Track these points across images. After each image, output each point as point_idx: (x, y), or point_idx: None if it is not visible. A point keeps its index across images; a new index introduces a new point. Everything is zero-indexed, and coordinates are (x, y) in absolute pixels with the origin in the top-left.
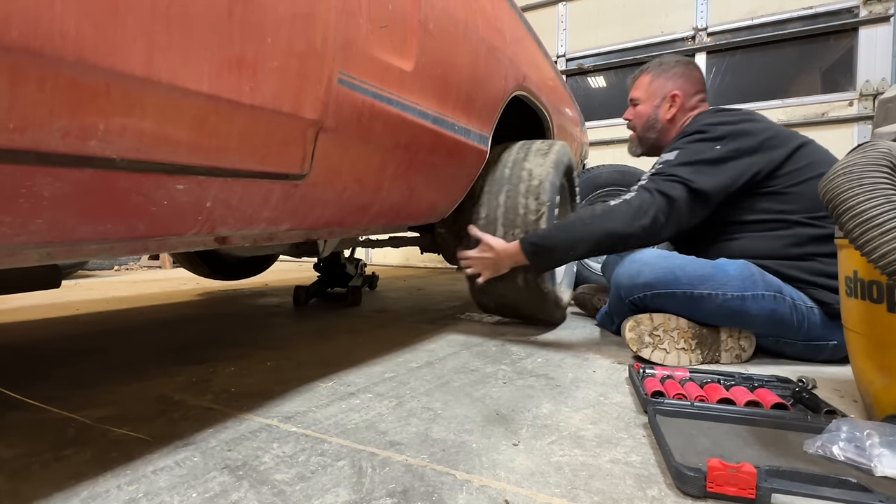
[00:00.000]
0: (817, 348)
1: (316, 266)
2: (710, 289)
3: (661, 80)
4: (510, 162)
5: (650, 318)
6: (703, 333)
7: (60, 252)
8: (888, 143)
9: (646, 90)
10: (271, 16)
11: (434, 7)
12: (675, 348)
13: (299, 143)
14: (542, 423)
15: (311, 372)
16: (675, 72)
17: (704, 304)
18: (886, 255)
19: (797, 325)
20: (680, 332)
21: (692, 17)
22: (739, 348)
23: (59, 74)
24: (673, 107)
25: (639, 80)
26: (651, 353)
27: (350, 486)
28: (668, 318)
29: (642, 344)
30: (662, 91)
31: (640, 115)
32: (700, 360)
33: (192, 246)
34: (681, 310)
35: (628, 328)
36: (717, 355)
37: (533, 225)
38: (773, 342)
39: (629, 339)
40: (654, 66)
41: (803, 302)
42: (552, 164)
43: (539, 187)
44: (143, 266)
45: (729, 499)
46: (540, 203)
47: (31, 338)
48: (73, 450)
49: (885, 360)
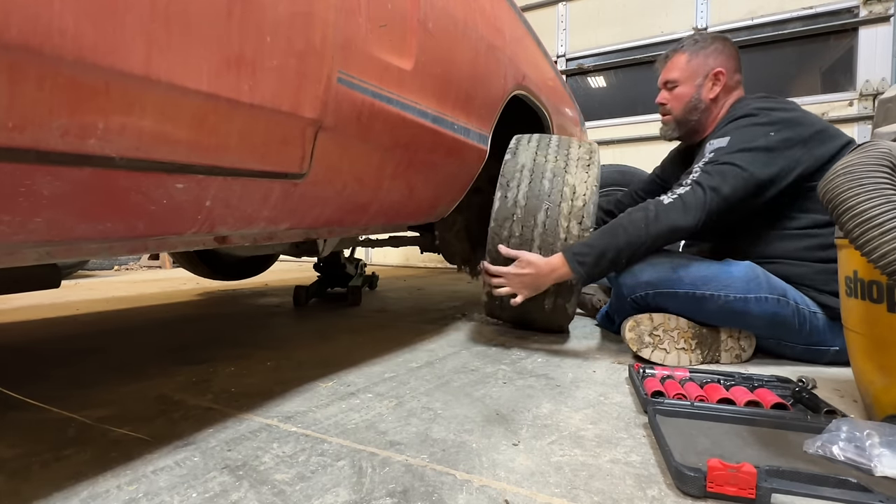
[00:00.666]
0: (818, 352)
1: (316, 266)
2: (712, 289)
3: (701, 58)
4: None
5: (650, 318)
6: (703, 333)
7: (60, 251)
8: (888, 143)
9: (684, 70)
10: (270, 15)
11: (433, 6)
12: (675, 348)
13: (298, 142)
14: (542, 423)
15: (311, 372)
16: (714, 48)
17: (706, 304)
18: (886, 255)
19: (799, 328)
20: (680, 332)
21: (692, 16)
22: (739, 348)
23: (58, 73)
24: (717, 85)
25: (673, 61)
26: (651, 353)
27: (350, 486)
28: (668, 318)
29: (642, 344)
30: (704, 69)
31: (680, 96)
32: (700, 360)
33: (192, 245)
34: (682, 310)
35: (628, 328)
36: (717, 355)
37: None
38: (774, 344)
39: (629, 339)
40: (690, 44)
41: (807, 306)
42: (595, 179)
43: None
44: (142, 266)
45: (729, 499)
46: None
47: (31, 338)
48: (73, 450)
49: (885, 360)
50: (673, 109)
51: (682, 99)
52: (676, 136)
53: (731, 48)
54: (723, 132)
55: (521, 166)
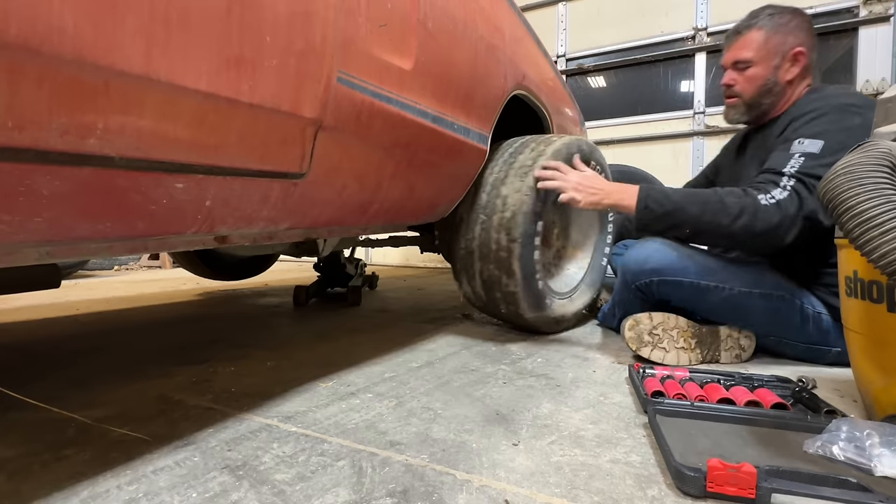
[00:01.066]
0: (820, 352)
1: (316, 266)
2: (717, 281)
3: (781, 36)
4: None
5: (649, 317)
6: (702, 333)
7: (60, 251)
8: (888, 143)
9: (760, 48)
10: (270, 14)
11: (433, 6)
12: (675, 347)
13: (298, 141)
14: (542, 423)
15: (311, 372)
16: (795, 24)
17: (710, 296)
18: (886, 254)
19: (801, 327)
20: (679, 331)
21: (692, 16)
22: (739, 348)
23: (57, 72)
24: (795, 66)
25: (746, 38)
26: (651, 352)
27: (350, 486)
28: (667, 317)
29: (641, 343)
30: (782, 48)
31: (754, 78)
32: (700, 359)
33: (192, 245)
34: (685, 300)
35: (627, 327)
36: (716, 354)
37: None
38: (775, 342)
39: (628, 337)
40: (765, 18)
41: (812, 306)
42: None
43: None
44: (143, 266)
45: (729, 499)
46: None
47: (31, 338)
48: (73, 450)
49: (885, 360)
50: (743, 92)
51: (756, 81)
52: (744, 121)
53: (810, 23)
54: (812, 131)
55: (472, 180)
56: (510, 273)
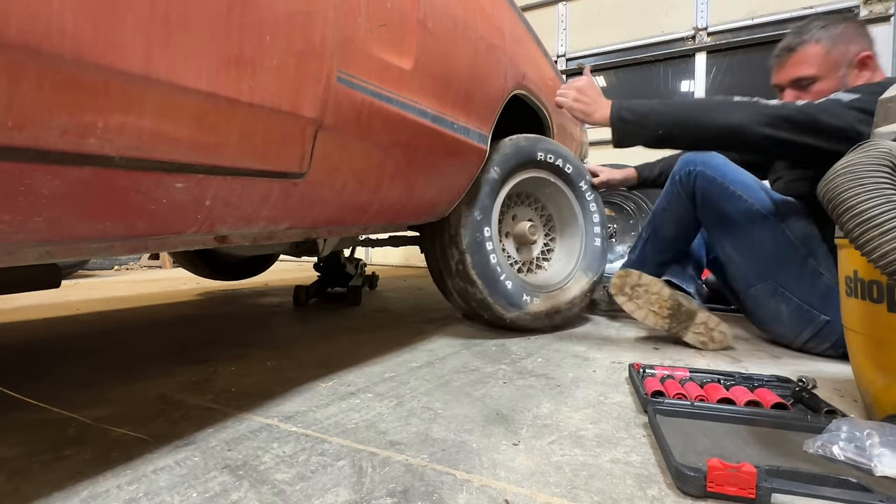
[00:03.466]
0: (809, 315)
1: (316, 266)
2: (744, 194)
3: (842, 46)
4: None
5: (639, 275)
6: (679, 310)
7: (60, 250)
8: (888, 142)
9: (822, 63)
10: (270, 14)
11: (433, 5)
12: (648, 308)
13: (298, 141)
14: (542, 423)
15: (311, 372)
16: (850, 31)
17: (731, 202)
18: (887, 254)
19: (798, 276)
20: (659, 297)
21: (692, 16)
22: (708, 338)
23: (57, 72)
24: (866, 70)
25: (802, 54)
26: (625, 301)
27: (350, 486)
28: (654, 281)
29: (622, 292)
30: (846, 57)
31: (823, 93)
32: (665, 328)
33: (192, 245)
34: (710, 199)
35: (616, 275)
36: (683, 332)
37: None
38: (771, 289)
39: (613, 283)
40: (817, 30)
41: (816, 262)
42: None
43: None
44: (143, 266)
45: (729, 498)
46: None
47: (31, 338)
48: (73, 450)
49: (885, 360)
50: None
51: (826, 95)
52: None
53: (863, 26)
54: (854, 88)
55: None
56: (472, 282)
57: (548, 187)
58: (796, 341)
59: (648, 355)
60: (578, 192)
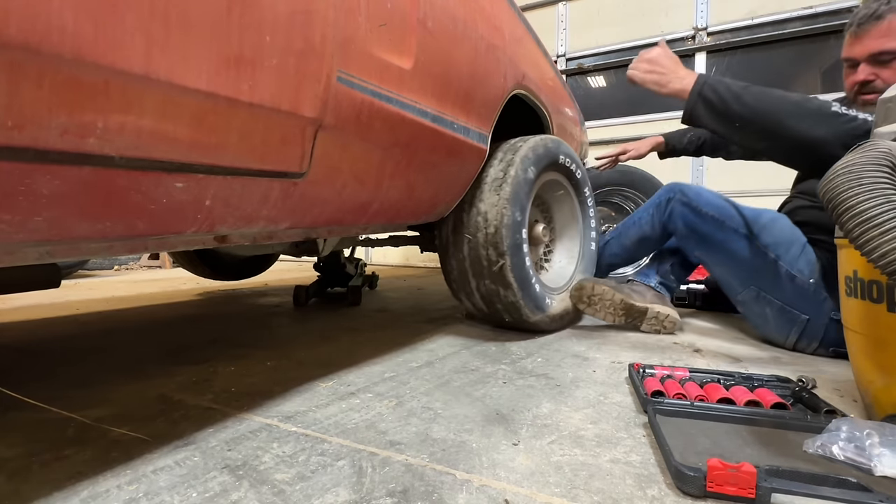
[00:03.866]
0: (791, 317)
1: (316, 266)
2: (717, 214)
3: None
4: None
5: (592, 287)
6: (632, 311)
7: (60, 250)
8: (888, 142)
9: None
10: (270, 13)
11: (433, 5)
12: (606, 311)
13: (298, 141)
14: (542, 423)
15: (311, 372)
16: None
17: (707, 224)
18: (886, 254)
19: (773, 279)
20: (614, 305)
21: (692, 16)
22: (661, 326)
23: (57, 71)
24: None
25: (886, 26)
26: (585, 308)
27: (350, 486)
28: (607, 290)
29: (581, 301)
30: None
31: None
32: (624, 322)
33: (192, 244)
34: (689, 222)
35: (574, 287)
36: (639, 324)
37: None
38: (754, 295)
39: (572, 294)
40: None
41: (788, 266)
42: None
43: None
44: (142, 266)
45: (729, 498)
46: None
47: (31, 338)
48: (73, 450)
49: (885, 360)
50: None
51: None
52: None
53: None
54: None
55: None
56: (507, 285)
57: (559, 190)
58: (787, 343)
59: (648, 355)
60: (582, 198)
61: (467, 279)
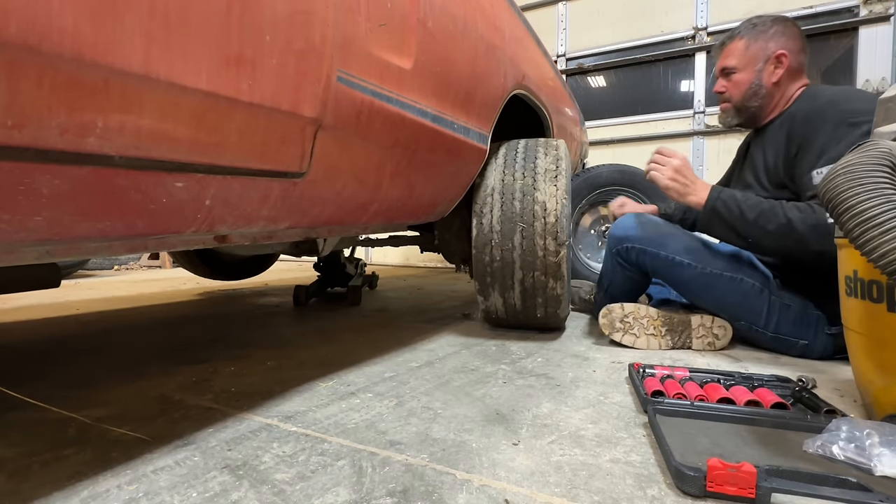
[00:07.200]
0: (787, 343)
1: (316, 266)
2: (692, 260)
3: (761, 43)
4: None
5: (621, 307)
6: (673, 322)
7: (59, 250)
8: (888, 142)
9: (742, 56)
10: (270, 13)
11: (433, 5)
12: (645, 334)
13: (298, 141)
14: (542, 423)
15: (311, 371)
16: (775, 31)
17: (682, 272)
18: (886, 254)
19: (767, 316)
20: (650, 319)
21: (692, 16)
22: (713, 336)
23: (57, 71)
24: (779, 68)
25: (730, 47)
26: (622, 336)
27: (350, 486)
28: (637, 307)
29: (613, 329)
30: (764, 54)
31: (740, 83)
32: (671, 344)
33: (192, 244)
34: (659, 272)
35: (601, 315)
36: (688, 341)
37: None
38: (746, 328)
39: (602, 323)
40: (747, 28)
41: (780, 298)
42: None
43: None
44: (142, 266)
45: (729, 498)
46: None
47: (31, 338)
48: (73, 449)
49: (885, 360)
50: (732, 97)
51: (742, 86)
52: (736, 124)
53: (794, 28)
54: (820, 150)
55: (492, 189)
56: (559, 277)
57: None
58: (787, 355)
59: (648, 355)
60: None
61: (512, 271)
